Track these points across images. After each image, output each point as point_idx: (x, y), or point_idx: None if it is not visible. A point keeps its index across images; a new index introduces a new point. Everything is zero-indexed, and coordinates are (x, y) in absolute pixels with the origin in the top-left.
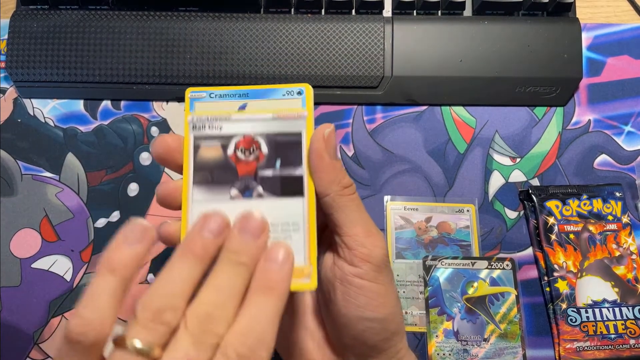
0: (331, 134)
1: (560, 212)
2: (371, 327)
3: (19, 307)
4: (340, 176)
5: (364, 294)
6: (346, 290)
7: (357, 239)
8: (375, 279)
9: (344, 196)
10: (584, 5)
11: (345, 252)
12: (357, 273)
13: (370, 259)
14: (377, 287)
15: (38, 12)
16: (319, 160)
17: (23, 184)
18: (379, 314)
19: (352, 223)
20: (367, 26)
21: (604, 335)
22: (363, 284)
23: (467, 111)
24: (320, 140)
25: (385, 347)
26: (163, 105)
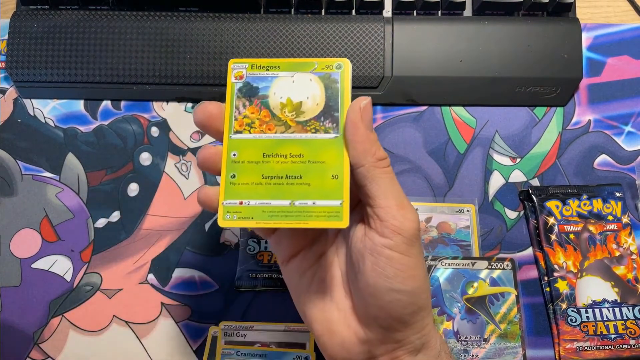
0: (368, 105)
1: (560, 212)
2: (398, 299)
3: (19, 307)
4: (375, 148)
5: (393, 266)
6: (376, 261)
7: (389, 210)
8: (406, 251)
9: (377, 168)
10: (584, 5)
11: (377, 224)
12: (387, 244)
13: (402, 231)
14: (407, 260)
15: (38, 12)
16: (355, 130)
17: (23, 184)
18: (407, 286)
19: (384, 195)
20: (367, 26)
21: (604, 335)
22: (393, 255)
23: (467, 111)
24: (357, 111)
25: (412, 321)
26: (163, 105)
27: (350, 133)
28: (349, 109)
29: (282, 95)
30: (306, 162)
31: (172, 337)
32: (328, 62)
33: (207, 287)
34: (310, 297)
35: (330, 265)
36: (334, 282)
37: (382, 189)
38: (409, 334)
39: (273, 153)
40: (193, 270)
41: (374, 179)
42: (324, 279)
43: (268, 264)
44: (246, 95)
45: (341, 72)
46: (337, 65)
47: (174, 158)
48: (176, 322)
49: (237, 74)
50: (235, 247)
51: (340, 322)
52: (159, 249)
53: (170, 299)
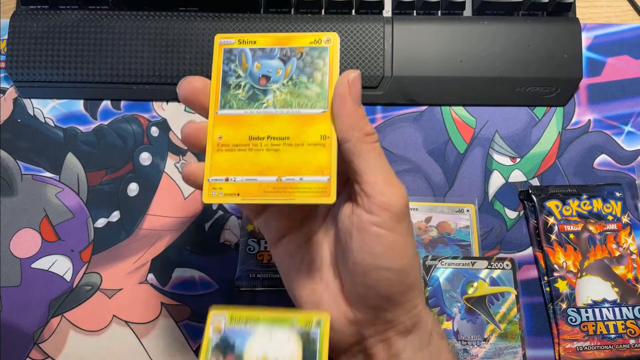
0: (356, 79)
1: (560, 212)
2: (386, 277)
3: (19, 307)
4: (363, 123)
5: (380, 243)
6: (363, 238)
7: (376, 186)
8: (394, 228)
9: (365, 143)
10: (584, 5)
11: (364, 200)
12: (375, 221)
13: (390, 207)
14: (395, 237)
15: (38, 12)
16: (342, 104)
17: (23, 184)
18: (395, 264)
19: (372, 171)
20: (367, 26)
21: (604, 335)
22: (380, 232)
23: (467, 111)
24: (345, 84)
25: (402, 301)
26: (163, 105)
27: (338, 107)
28: (337, 83)
29: (258, 354)
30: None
31: (172, 337)
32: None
33: (207, 287)
34: (299, 278)
35: (319, 246)
36: (324, 263)
37: (369, 165)
38: (399, 314)
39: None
40: (193, 270)
41: (361, 154)
42: (313, 260)
43: (268, 264)
44: (222, 351)
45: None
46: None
47: (174, 158)
48: (176, 322)
49: (216, 327)
50: (235, 247)
51: (330, 303)
52: (159, 249)
53: (170, 299)
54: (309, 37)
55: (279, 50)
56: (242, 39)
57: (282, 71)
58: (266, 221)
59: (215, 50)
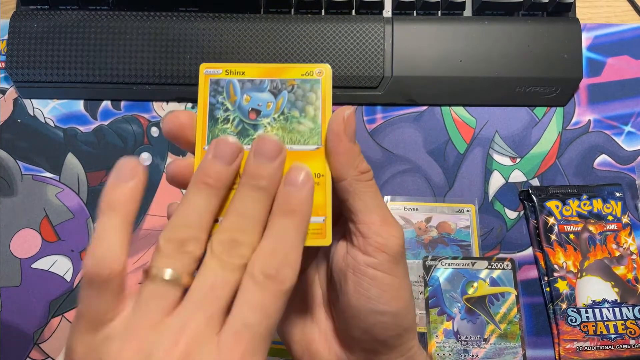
0: (351, 116)
1: (560, 212)
2: (382, 321)
3: (19, 307)
4: (358, 161)
5: (376, 286)
6: (358, 280)
7: (372, 227)
8: (390, 270)
9: (360, 182)
10: (584, 6)
11: (360, 241)
12: (371, 263)
13: (386, 249)
14: (391, 280)
15: (38, 12)
16: (337, 142)
17: (23, 184)
18: (392, 307)
19: (368, 210)
20: (367, 26)
21: (604, 335)
22: (377, 274)
23: (467, 111)
24: (340, 121)
25: (397, 344)
26: (163, 105)
27: (333, 145)
28: (331, 119)
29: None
30: None
31: None
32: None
33: None
34: (289, 317)
35: (310, 284)
36: (315, 301)
37: (365, 204)
38: (393, 357)
39: None
40: None
41: (357, 193)
42: (304, 298)
43: None
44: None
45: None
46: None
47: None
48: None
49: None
50: None
51: (321, 344)
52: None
53: None
54: (300, 69)
55: (269, 82)
56: (229, 69)
57: (273, 105)
58: None
59: (201, 81)
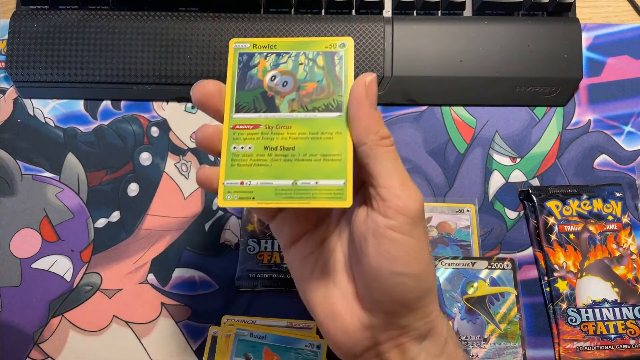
0: (372, 82)
1: (560, 212)
2: (403, 282)
3: (19, 307)
4: (379, 126)
5: (396, 248)
6: (379, 243)
7: (392, 190)
8: (410, 232)
9: (381, 146)
10: (584, 5)
11: (380, 204)
12: (391, 225)
13: (406, 211)
14: (411, 241)
15: (38, 12)
16: (359, 106)
17: (23, 184)
18: (412, 269)
19: (387, 174)
20: (367, 26)
21: (604, 335)
22: (396, 236)
23: (467, 111)
24: (362, 87)
25: (417, 307)
26: (163, 105)
27: (354, 110)
28: (353, 85)
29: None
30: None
31: (172, 337)
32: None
33: (207, 287)
34: (312, 282)
35: (333, 249)
36: (337, 267)
37: (385, 168)
38: (413, 320)
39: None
40: (193, 270)
41: (377, 157)
42: (326, 264)
43: (268, 264)
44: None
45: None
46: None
47: (174, 158)
48: (176, 322)
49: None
50: (235, 247)
51: (343, 308)
52: (159, 249)
53: (170, 299)
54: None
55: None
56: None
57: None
58: (280, 225)
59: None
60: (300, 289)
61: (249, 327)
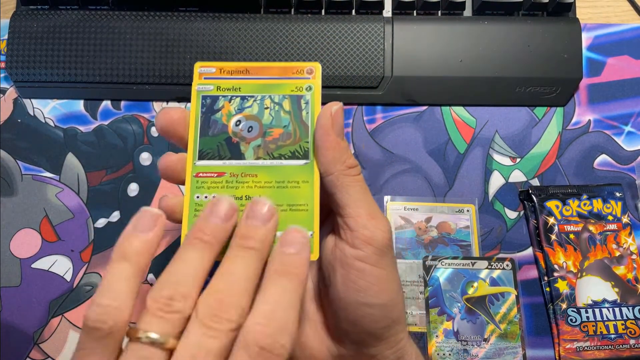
0: (339, 111)
1: (560, 212)
2: (371, 313)
3: (19, 307)
4: (346, 155)
5: (364, 278)
6: (346, 273)
7: (359, 220)
8: (377, 262)
9: (348, 176)
10: (584, 5)
11: (347, 234)
12: (358, 256)
13: (373, 241)
14: (379, 272)
15: (38, 12)
16: (325, 136)
17: (23, 184)
18: (380, 299)
19: (355, 204)
20: (367, 26)
21: (604, 335)
22: (364, 267)
23: (467, 111)
24: (328, 117)
25: (386, 336)
26: (163, 105)
27: (320, 139)
28: (319, 115)
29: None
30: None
31: None
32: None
33: None
34: None
35: None
36: (306, 295)
37: (352, 198)
38: (382, 349)
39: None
40: None
41: (344, 187)
42: None
43: None
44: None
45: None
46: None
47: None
48: None
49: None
50: None
51: (312, 337)
52: (159, 249)
53: None
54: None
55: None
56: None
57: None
58: None
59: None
60: None
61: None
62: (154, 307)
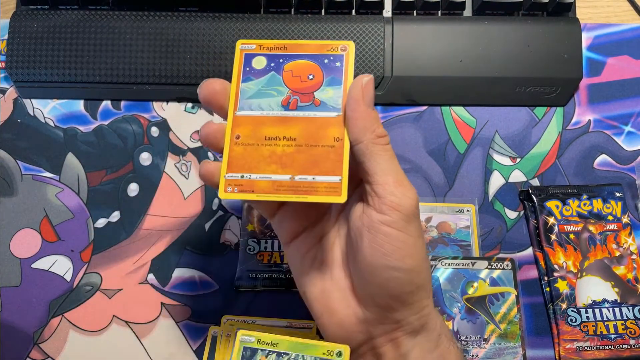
0: (369, 83)
1: (560, 212)
2: (396, 276)
3: (19, 307)
4: (375, 125)
5: (390, 242)
6: (373, 238)
7: (387, 187)
8: (404, 228)
9: (377, 145)
10: (584, 5)
11: (375, 201)
12: (385, 221)
13: (400, 207)
14: (405, 237)
15: (38, 12)
16: (356, 106)
17: (23, 184)
18: (405, 264)
19: (383, 171)
20: (367, 26)
21: (604, 335)
22: (391, 232)
23: (467, 111)
24: (358, 88)
25: (410, 301)
26: (163, 105)
27: (351, 109)
28: (351, 86)
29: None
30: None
31: (172, 337)
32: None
33: (207, 287)
34: (310, 277)
35: (331, 246)
36: (335, 262)
37: (380, 166)
38: (407, 314)
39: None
40: (193, 270)
41: (373, 155)
42: (324, 259)
43: (268, 264)
44: None
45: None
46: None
47: (174, 158)
48: (176, 322)
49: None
50: (235, 247)
51: (340, 302)
52: (159, 249)
53: (170, 299)
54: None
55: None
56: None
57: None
58: (280, 221)
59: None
60: (299, 284)
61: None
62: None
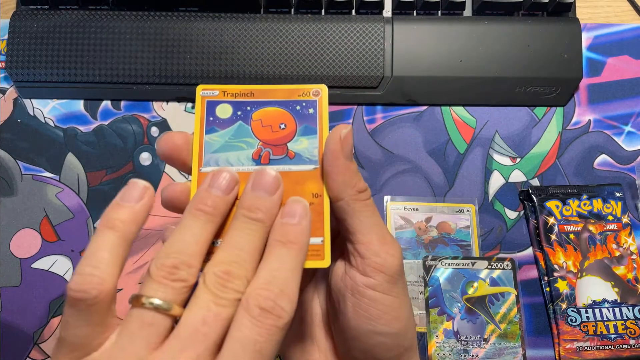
0: (348, 135)
1: (560, 212)
2: (383, 342)
3: (19, 307)
4: (356, 179)
5: (376, 307)
6: (357, 302)
7: (370, 247)
8: (389, 290)
9: (358, 201)
10: (584, 5)
11: (358, 261)
12: (369, 284)
13: (384, 269)
14: (391, 300)
15: (38, 12)
16: (334, 160)
17: (23, 184)
18: (392, 328)
19: (366, 230)
20: (367, 26)
21: (604, 335)
22: (376, 295)
23: (467, 111)
24: (337, 141)
25: None
26: (163, 105)
27: (329, 164)
28: (328, 138)
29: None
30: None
31: None
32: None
33: None
34: (289, 337)
35: (309, 303)
36: (314, 321)
37: (363, 224)
38: None
39: None
40: None
41: (355, 212)
42: (303, 318)
43: None
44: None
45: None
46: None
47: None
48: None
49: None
50: None
51: None
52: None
53: None
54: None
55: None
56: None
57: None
58: None
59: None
60: None
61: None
62: (158, 275)
